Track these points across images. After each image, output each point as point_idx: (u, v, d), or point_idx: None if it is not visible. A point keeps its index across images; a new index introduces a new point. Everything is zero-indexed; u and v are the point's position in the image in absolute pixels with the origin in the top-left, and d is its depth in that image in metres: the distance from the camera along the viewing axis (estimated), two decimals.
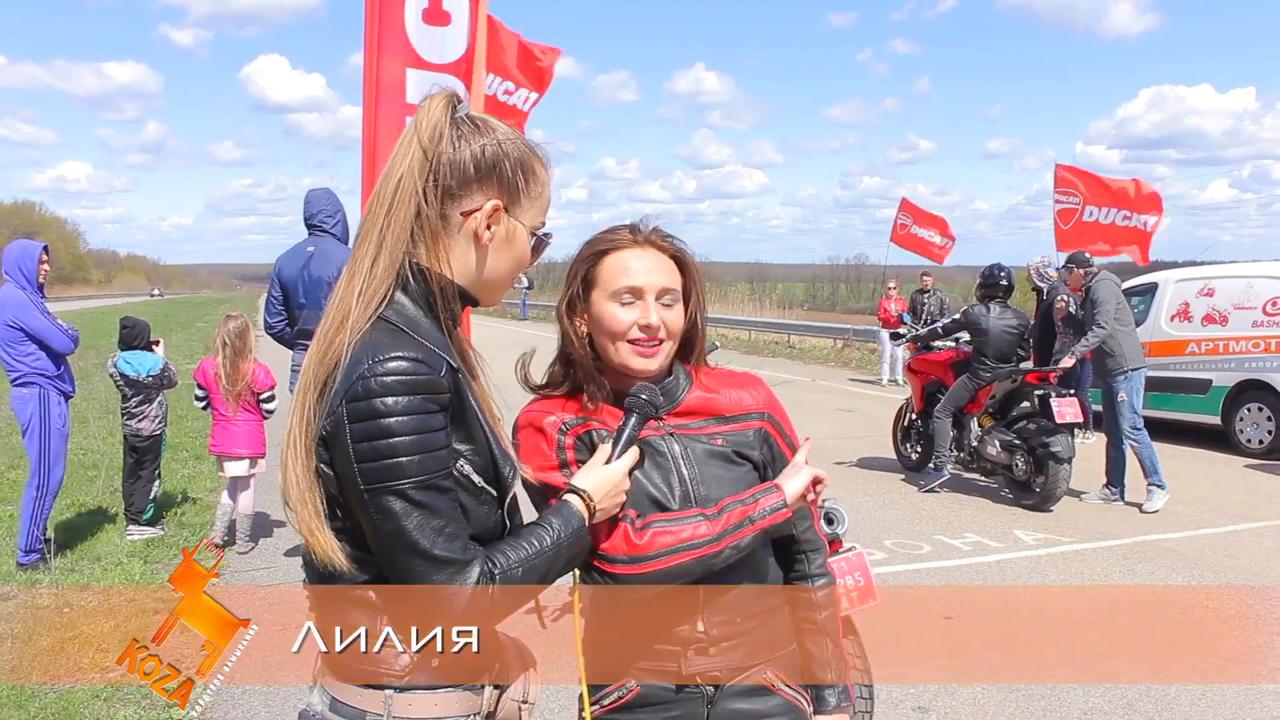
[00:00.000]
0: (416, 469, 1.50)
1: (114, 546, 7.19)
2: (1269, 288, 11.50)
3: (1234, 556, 7.33)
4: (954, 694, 4.78)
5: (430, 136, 1.61)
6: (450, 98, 1.66)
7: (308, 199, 6.45)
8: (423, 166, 1.60)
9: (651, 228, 2.01)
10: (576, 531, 1.70)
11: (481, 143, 1.63)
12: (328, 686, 1.64)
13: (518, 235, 1.69)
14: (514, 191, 1.66)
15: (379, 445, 1.49)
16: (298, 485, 1.55)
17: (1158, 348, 11.97)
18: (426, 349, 1.56)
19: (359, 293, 1.58)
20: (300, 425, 1.56)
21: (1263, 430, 11.41)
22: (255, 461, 7.13)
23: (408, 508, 1.49)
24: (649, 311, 1.93)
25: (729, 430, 2.02)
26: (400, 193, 1.60)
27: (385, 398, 1.49)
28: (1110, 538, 7.86)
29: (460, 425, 1.60)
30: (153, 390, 7.45)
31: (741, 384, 2.10)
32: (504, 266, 1.70)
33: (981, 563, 7.18)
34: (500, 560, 1.57)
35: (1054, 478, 8.60)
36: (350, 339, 1.54)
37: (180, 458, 10.43)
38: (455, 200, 1.63)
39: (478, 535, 1.60)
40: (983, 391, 9.23)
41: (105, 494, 8.71)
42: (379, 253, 1.60)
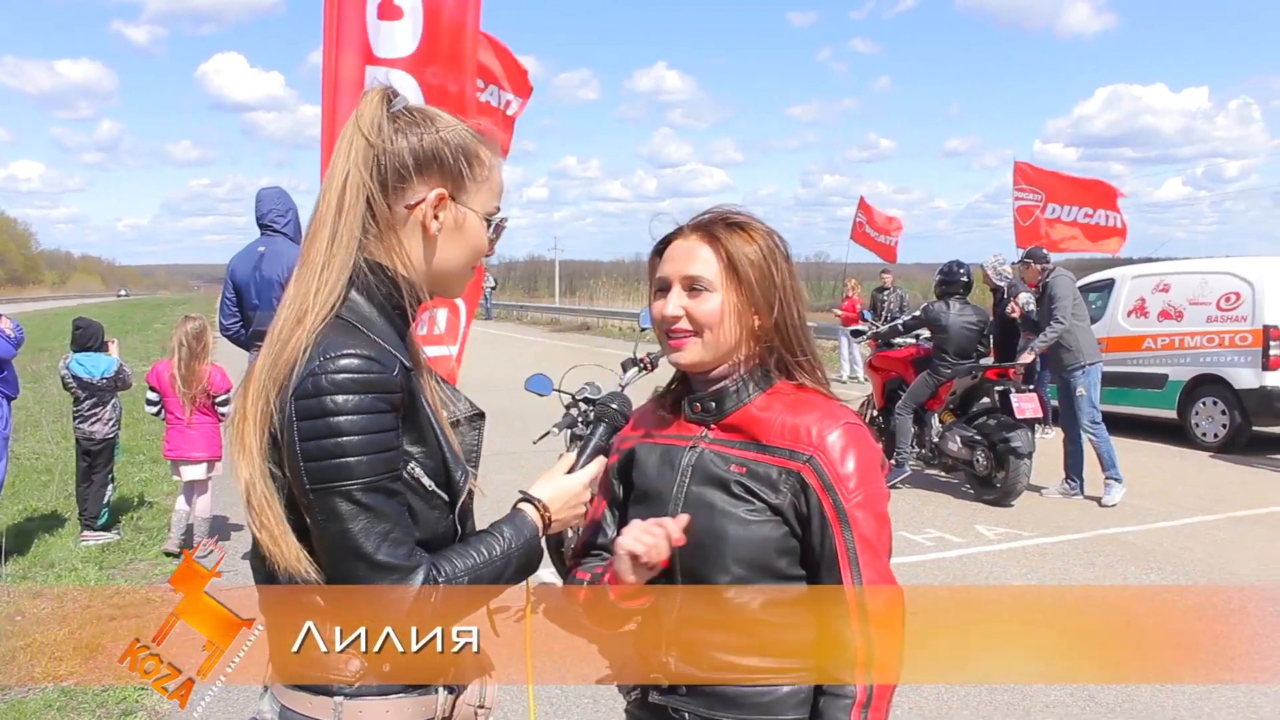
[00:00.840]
0: (364, 470, 1.46)
1: (68, 552, 7.07)
2: (1223, 283, 11.66)
3: (1191, 549, 7.42)
4: (918, 689, 4.79)
5: (370, 131, 1.59)
6: (386, 91, 1.64)
7: (259, 198, 6.36)
8: (367, 161, 1.58)
9: (702, 216, 1.84)
10: (529, 541, 1.66)
11: (419, 133, 1.61)
12: (277, 693, 1.61)
13: (469, 222, 1.66)
14: (458, 178, 1.63)
15: (326, 444, 1.45)
16: (256, 490, 1.51)
17: (1115, 343, 12.10)
18: (380, 347, 1.53)
19: (314, 291, 1.55)
20: (252, 427, 1.51)
21: (1217, 424, 11.56)
22: (212, 465, 7.02)
23: (353, 510, 1.46)
24: (669, 301, 1.80)
25: (761, 460, 1.75)
26: (348, 189, 1.57)
27: (335, 395, 1.46)
28: (1070, 532, 7.92)
29: (412, 427, 1.57)
30: (106, 393, 7.31)
31: (811, 415, 1.76)
32: (458, 256, 1.67)
33: (944, 558, 7.21)
34: (445, 568, 1.54)
35: (1014, 473, 8.66)
36: (307, 339, 1.50)
37: (136, 461, 10.29)
38: (399, 193, 1.60)
39: (427, 540, 1.57)
40: (943, 388, 9.27)
41: (59, 499, 8.56)
42: (331, 250, 1.57)
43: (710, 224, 1.82)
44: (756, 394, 1.81)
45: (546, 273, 64.06)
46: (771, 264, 1.80)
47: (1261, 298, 11.17)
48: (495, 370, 16.98)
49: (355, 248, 1.58)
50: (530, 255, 78.76)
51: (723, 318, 1.78)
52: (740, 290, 1.78)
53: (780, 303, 1.80)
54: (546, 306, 44.09)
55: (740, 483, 1.75)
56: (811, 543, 1.73)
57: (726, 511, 1.74)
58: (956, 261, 9.46)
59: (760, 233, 1.82)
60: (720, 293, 1.78)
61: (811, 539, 1.73)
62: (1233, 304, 11.45)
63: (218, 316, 6.74)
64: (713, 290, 1.77)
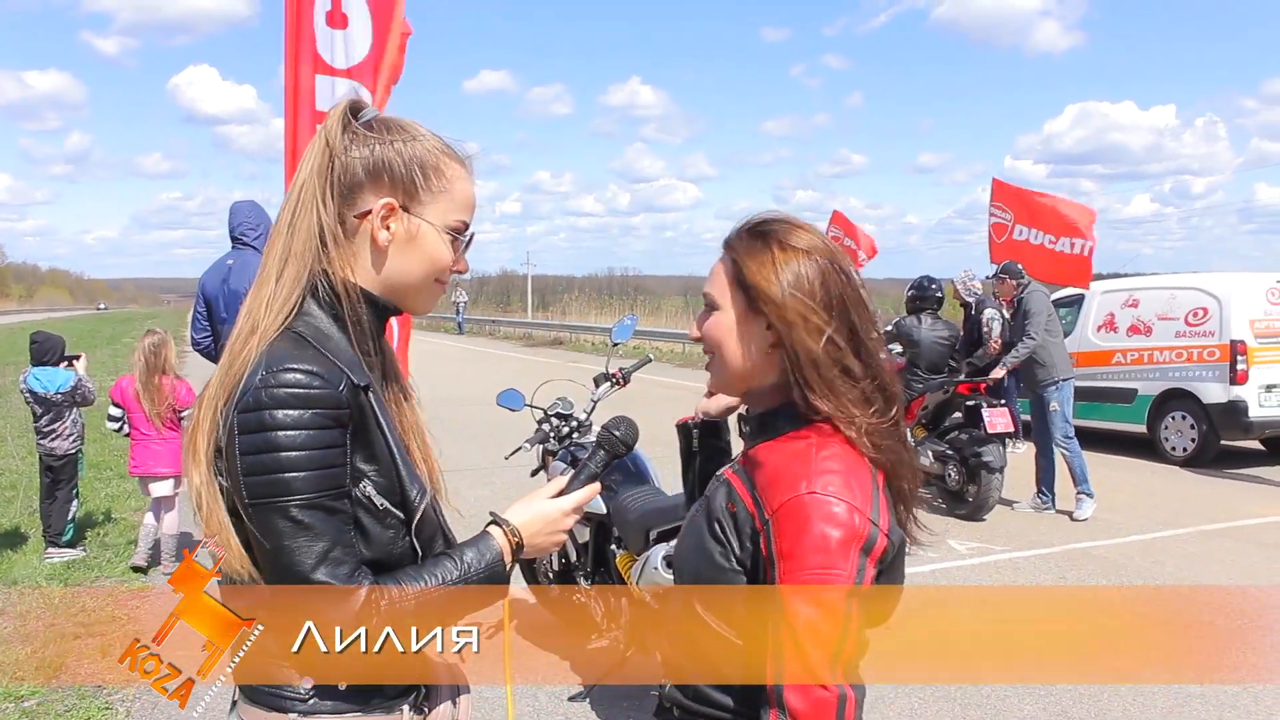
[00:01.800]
0: (302, 486, 1.44)
1: (32, 569, 6.96)
2: (1191, 299, 11.78)
3: (1161, 563, 7.46)
4: (890, 704, 4.78)
5: (329, 142, 1.59)
6: (349, 104, 1.63)
7: (232, 211, 6.32)
8: (322, 171, 1.57)
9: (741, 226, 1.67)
10: (491, 566, 1.60)
11: (374, 144, 1.59)
12: (241, 710, 1.60)
13: (423, 233, 1.62)
14: (410, 189, 1.60)
15: (265, 459, 1.43)
16: (200, 494, 1.52)
17: (1085, 358, 12.19)
18: (328, 363, 1.50)
19: (267, 301, 1.54)
20: (202, 436, 1.51)
21: (1186, 438, 11.65)
22: (179, 481, 6.93)
23: (290, 527, 1.44)
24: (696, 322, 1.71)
25: (745, 504, 1.57)
26: (302, 199, 1.57)
27: (275, 410, 1.44)
28: (1042, 546, 7.95)
29: (363, 444, 1.53)
30: (64, 408, 7.20)
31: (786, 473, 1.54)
32: (412, 267, 1.63)
33: (916, 572, 7.21)
34: (391, 592, 1.49)
35: (986, 487, 8.70)
36: (257, 351, 1.49)
37: (103, 477, 10.16)
38: (349, 204, 1.59)
39: (382, 560, 1.54)
40: (915, 402, 9.30)
41: (23, 515, 8.43)
42: (285, 261, 1.56)
43: (734, 234, 1.67)
44: (787, 429, 1.61)
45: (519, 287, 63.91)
46: (782, 282, 1.58)
47: (1229, 313, 11.28)
48: (467, 386, 16.92)
49: (310, 259, 1.56)
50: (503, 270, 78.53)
51: (725, 337, 1.64)
52: (747, 306, 1.62)
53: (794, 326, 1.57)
54: (519, 321, 43.98)
55: (721, 523, 1.59)
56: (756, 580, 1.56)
57: (703, 549, 1.61)
58: (928, 277, 9.52)
59: (770, 244, 1.61)
60: (724, 311, 1.64)
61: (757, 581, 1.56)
62: (1200, 319, 11.56)
63: (189, 331, 6.67)
64: (718, 308, 1.65)
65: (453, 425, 13.10)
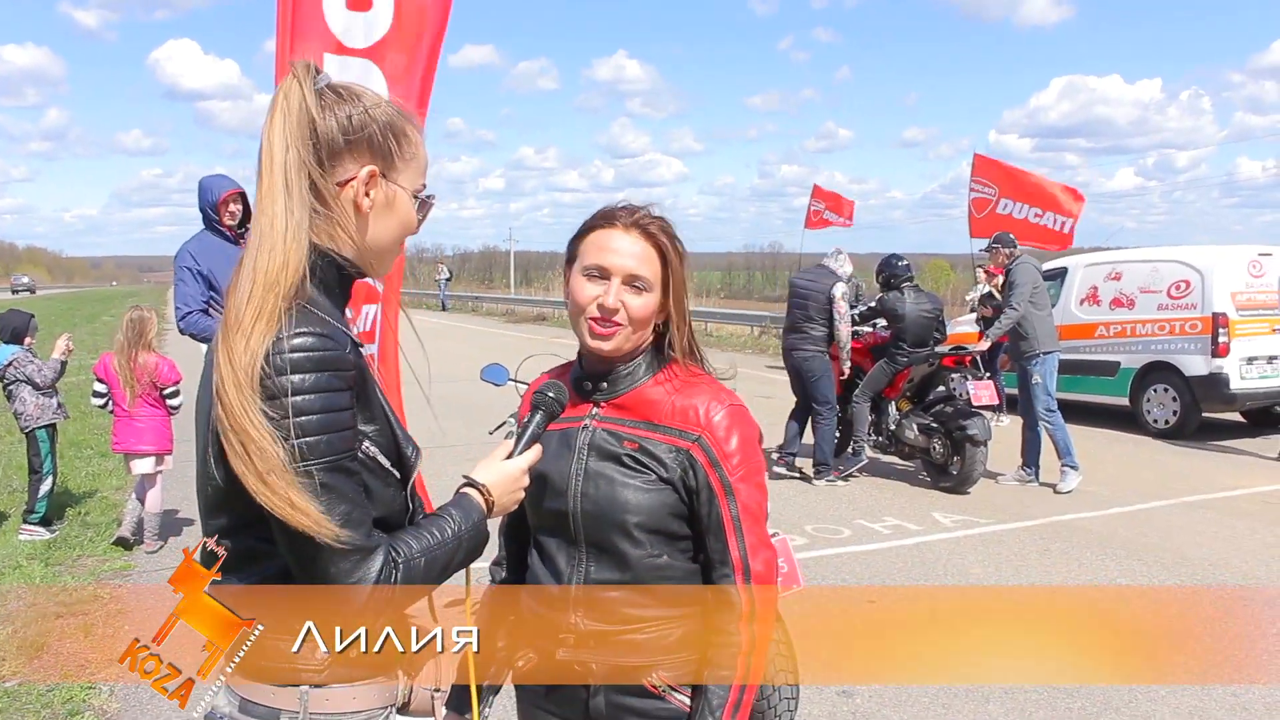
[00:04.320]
0: (324, 449, 1.45)
1: (11, 549, 6.90)
2: (1173, 271, 11.82)
3: (1145, 534, 7.50)
4: (878, 676, 4.78)
5: (301, 107, 1.56)
6: (309, 69, 1.60)
7: (202, 187, 6.20)
8: (304, 138, 1.55)
9: (643, 212, 1.96)
10: (476, 525, 1.66)
11: (347, 111, 1.59)
12: (235, 687, 1.58)
13: (398, 199, 1.66)
14: (387, 156, 1.63)
15: (285, 424, 1.42)
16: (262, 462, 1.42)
17: (1068, 331, 12.22)
18: (331, 325, 1.51)
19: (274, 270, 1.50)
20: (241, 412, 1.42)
21: (1168, 410, 11.72)
22: (162, 458, 6.88)
23: (315, 490, 1.43)
24: (610, 292, 1.91)
25: (653, 438, 1.92)
26: (290, 166, 1.54)
27: (291, 375, 1.43)
28: (1026, 518, 7.99)
29: (365, 405, 1.56)
30: (10, 384, 7.15)
31: (699, 397, 1.94)
32: (388, 233, 1.67)
33: (901, 545, 7.23)
34: (403, 549, 1.54)
35: (971, 460, 8.72)
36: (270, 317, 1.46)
37: (84, 455, 10.09)
38: (330, 171, 1.58)
39: (384, 517, 1.57)
40: (900, 376, 9.31)
41: (3, 494, 8.37)
42: (287, 226, 1.53)
43: (650, 225, 1.95)
44: (648, 376, 1.97)
45: (502, 263, 63.75)
46: (683, 265, 1.99)
47: (1210, 286, 11.33)
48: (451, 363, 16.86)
49: (307, 225, 1.55)
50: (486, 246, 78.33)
51: (652, 316, 1.95)
52: (665, 290, 1.96)
53: (684, 298, 1.99)
54: (502, 297, 43.87)
55: (633, 457, 1.91)
56: (700, 512, 1.91)
57: (624, 482, 1.90)
58: (895, 255, 9.56)
59: (677, 236, 1.99)
60: (655, 293, 1.94)
61: (699, 509, 1.91)
62: (1183, 292, 11.60)
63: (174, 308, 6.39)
64: (650, 290, 1.93)
65: (436, 401, 13.02)
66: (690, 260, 2.05)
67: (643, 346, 1.97)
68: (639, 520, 1.89)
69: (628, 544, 1.90)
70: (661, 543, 1.91)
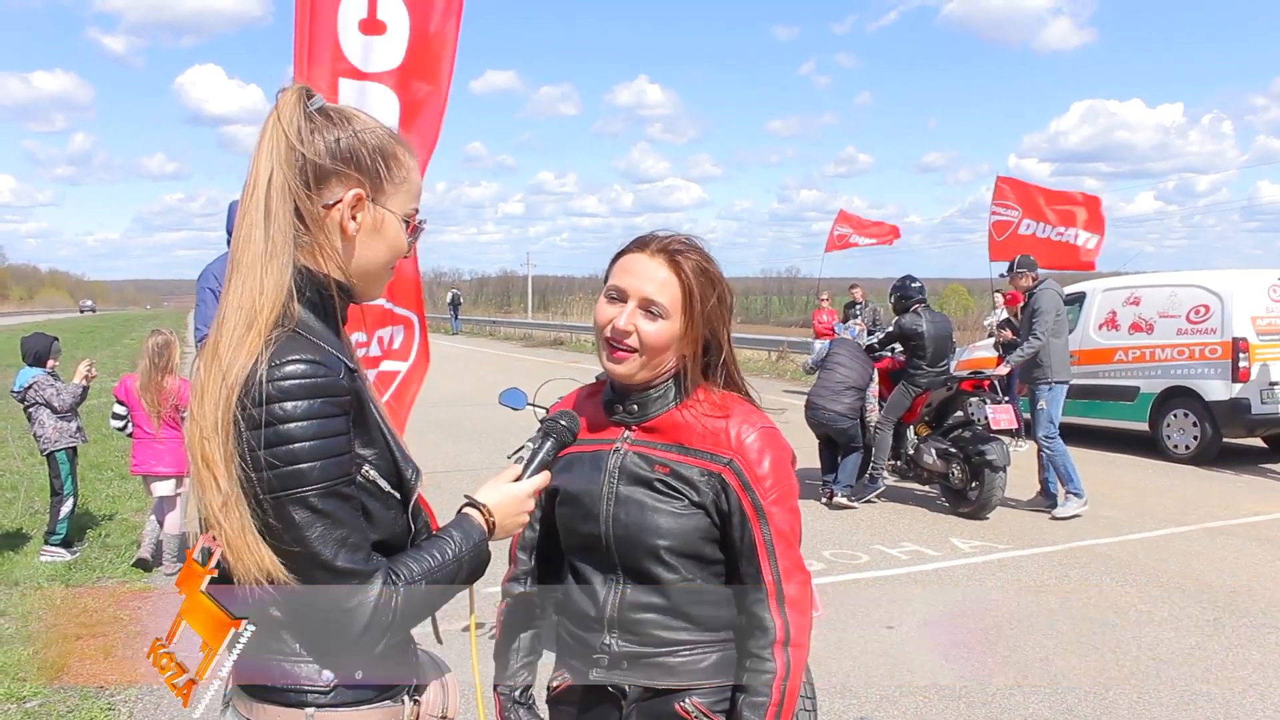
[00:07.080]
0: (318, 475, 1.45)
1: (34, 570, 6.94)
2: (1192, 296, 11.76)
3: (1165, 560, 7.44)
4: (895, 704, 4.76)
5: (290, 129, 1.56)
6: (302, 91, 1.61)
7: (232, 211, 6.28)
8: (290, 161, 1.55)
9: (675, 240, 1.94)
10: (477, 545, 1.66)
11: (335, 134, 1.59)
12: (241, 709, 1.59)
13: (387, 223, 1.65)
14: (375, 179, 1.62)
15: (279, 452, 1.43)
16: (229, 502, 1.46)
17: (1087, 356, 12.18)
18: (324, 351, 1.51)
19: (259, 294, 1.51)
20: (216, 440, 1.46)
21: (1189, 435, 11.64)
22: (181, 480, 6.92)
23: (310, 517, 1.45)
24: (622, 315, 1.90)
25: (684, 461, 1.91)
26: (274, 189, 1.54)
27: (284, 403, 1.44)
28: (1045, 544, 7.94)
29: (362, 429, 1.57)
30: (30, 407, 7.25)
31: (731, 420, 1.92)
32: (377, 256, 1.66)
33: (920, 571, 7.20)
34: (404, 571, 1.54)
35: (989, 485, 8.68)
36: (257, 343, 1.47)
37: (104, 477, 10.15)
38: (317, 194, 1.58)
39: (385, 540, 1.58)
40: (918, 400, 9.29)
41: (25, 516, 8.43)
42: (269, 253, 1.53)
43: (676, 250, 1.92)
44: (679, 399, 1.96)
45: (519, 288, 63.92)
46: (716, 295, 1.94)
47: (1230, 310, 11.28)
48: (469, 386, 16.91)
49: (291, 250, 1.55)
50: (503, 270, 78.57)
51: (668, 344, 1.91)
52: (689, 320, 1.91)
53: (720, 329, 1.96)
54: (519, 322, 43.99)
55: (664, 481, 1.90)
56: (732, 535, 1.90)
57: (655, 507, 1.89)
58: (909, 276, 9.53)
59: (708, 269, 1.94)
60: (672, 320, 1.90)
61: (732, 532, 1.90)
62: (1202, 316, 11.55)
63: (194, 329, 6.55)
64: (666, 317, 1.89)
65: (453, 426, 13.10)
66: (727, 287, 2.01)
67: (661, 373, 1.95)
68: (670, 544, 1.88)
69: (660, 568, 1.89)
70: (694, 567, 1.90)
